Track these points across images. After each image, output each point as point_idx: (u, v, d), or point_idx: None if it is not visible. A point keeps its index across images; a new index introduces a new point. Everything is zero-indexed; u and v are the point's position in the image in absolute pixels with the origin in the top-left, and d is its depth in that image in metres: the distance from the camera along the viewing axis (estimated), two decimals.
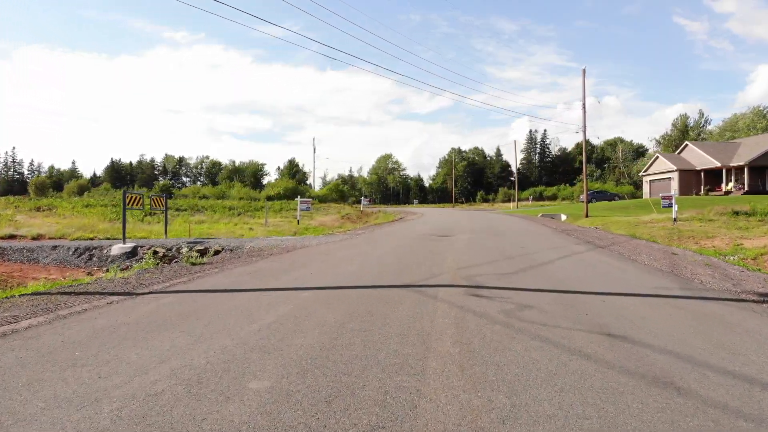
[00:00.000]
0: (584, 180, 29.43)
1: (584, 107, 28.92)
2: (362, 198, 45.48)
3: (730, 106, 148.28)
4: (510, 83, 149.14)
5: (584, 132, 28.91)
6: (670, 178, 41.73)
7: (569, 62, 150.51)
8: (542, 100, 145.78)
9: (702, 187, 39.67)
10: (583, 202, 45.78)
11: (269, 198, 43.79)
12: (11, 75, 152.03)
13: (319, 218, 29.74)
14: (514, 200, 56.05)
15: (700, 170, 40.33)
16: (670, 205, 19.37)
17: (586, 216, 27.26)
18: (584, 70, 29.15)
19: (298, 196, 23.76)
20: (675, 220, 19.11)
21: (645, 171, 46.66)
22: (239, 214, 26.83)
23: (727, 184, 38.23)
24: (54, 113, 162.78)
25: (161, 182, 55.81)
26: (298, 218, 22.70)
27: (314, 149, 74.40)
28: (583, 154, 29.10)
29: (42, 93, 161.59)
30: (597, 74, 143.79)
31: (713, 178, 40.05)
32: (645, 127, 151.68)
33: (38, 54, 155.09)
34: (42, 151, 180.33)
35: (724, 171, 38.34)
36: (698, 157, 40.68)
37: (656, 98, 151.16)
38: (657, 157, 44.67)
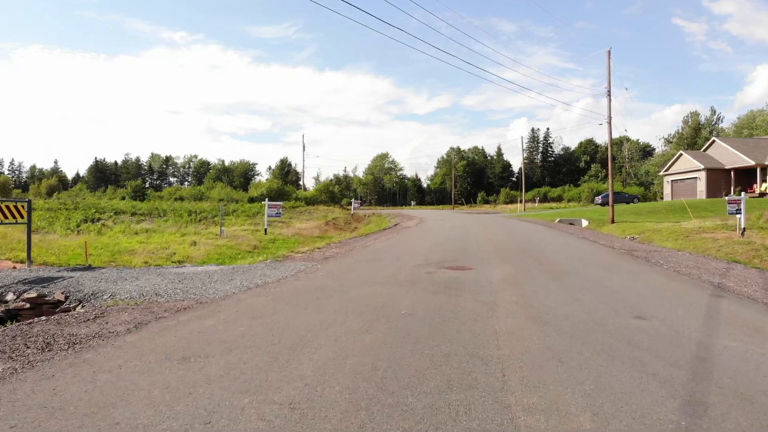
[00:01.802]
0: (610, 179, 25.21)
1: (609, 93, 24.78)
2: (353, 201, 41.06)
3: (729, 107, 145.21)
4: (509, 84, 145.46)
5: (609, 123, 24.71)
6: (695, 177, 37.51)
7: (568, 63, 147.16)
8: (541, 100, 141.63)
9: (732, 187, 35.42)
10: (598, 204, 41.80)
11: (252, 200, 39.39)
12: (11, 75, 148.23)
13: (299, 224, 25.36)
14: (520, 202, 51.79)
15: (729, 169, 36.11)
16: (738, 212, 15.16)
17: (612, 222, 23.07)
18: (609, 52, 25.01)
19: (266, 200, 19.41)
20: (744, 230, 14.89)
21: (666, 170, 42.37)
22: (200, 220, 22.40)
23: (761, 185, 34.02)
24: (53, 113, 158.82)
25: (133, 182, 51.22)
26: (266, 226, 18.30)
27: (303, 147, 69.49)
28: (609, 148, 24.85)
29: (41, 93, 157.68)
30: (596, 75, 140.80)
31: (744, 177, 35.81)
32: (644, 127, 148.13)
33: (38, 54, 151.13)
34: (41, 152, 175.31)
35: (758, 170, 34.12)
36: (727, 155, 36.44)
37: (655, 99, 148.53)
38: (680, 155, 40.38)
